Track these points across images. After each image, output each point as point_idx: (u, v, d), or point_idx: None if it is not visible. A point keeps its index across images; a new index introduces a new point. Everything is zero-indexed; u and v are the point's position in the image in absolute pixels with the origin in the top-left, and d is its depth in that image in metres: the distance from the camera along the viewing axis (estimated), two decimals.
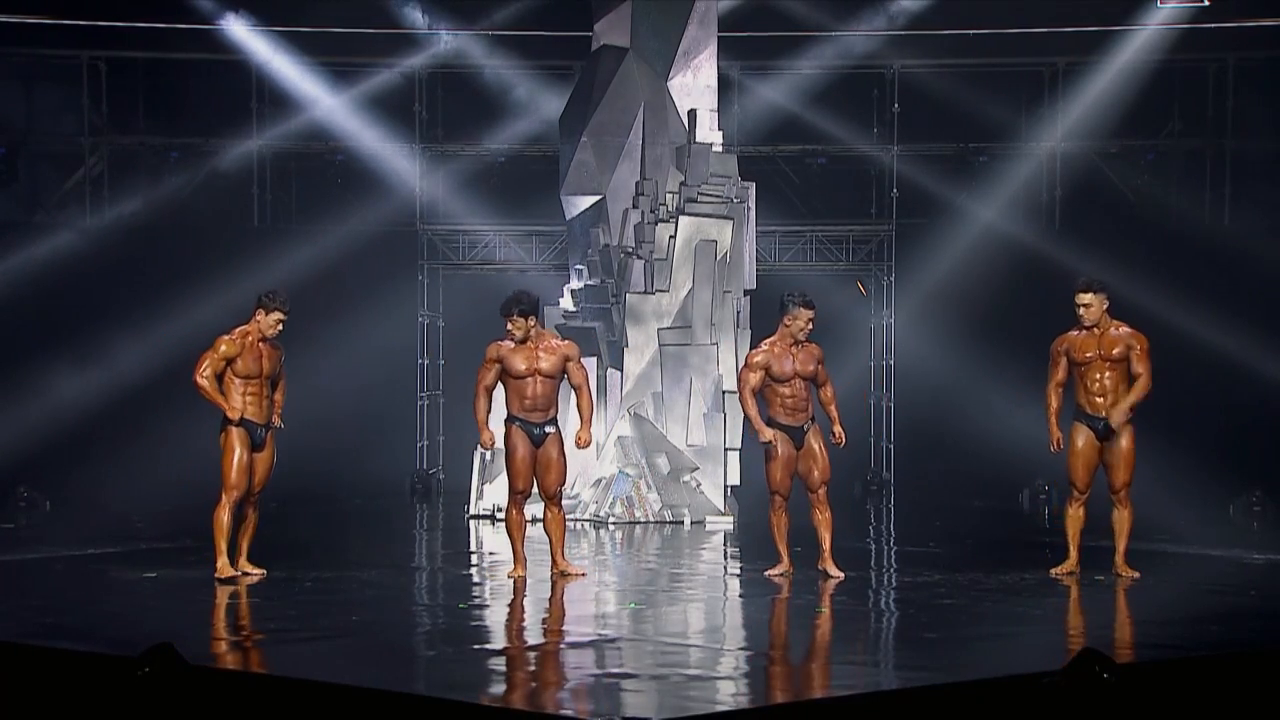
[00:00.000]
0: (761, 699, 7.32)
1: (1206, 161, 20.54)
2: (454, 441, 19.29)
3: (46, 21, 19.52)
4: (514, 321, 10.89)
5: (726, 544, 14.34)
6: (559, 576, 11.10)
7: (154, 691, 6.83)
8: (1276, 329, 18.06)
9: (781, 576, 11.20)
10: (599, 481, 15.77)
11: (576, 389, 11.12)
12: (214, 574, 10.85)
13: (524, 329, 10.89)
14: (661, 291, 16.48)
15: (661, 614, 9.94)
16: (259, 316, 10.95)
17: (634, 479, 15.63)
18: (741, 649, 8.87)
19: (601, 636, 8.98)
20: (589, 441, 11.17)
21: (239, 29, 20.40)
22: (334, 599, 10.21)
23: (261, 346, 10.96)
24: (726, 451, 16.07)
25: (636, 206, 16.85)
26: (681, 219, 16.61)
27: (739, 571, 12.57)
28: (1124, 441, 11.05)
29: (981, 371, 18.93)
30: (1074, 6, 19.89)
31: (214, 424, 10.99)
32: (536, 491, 11.11)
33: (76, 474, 18.01)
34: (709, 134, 17.02)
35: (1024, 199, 21.00)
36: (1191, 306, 17.70)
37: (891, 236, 20.82)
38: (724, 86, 18.31)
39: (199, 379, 10.78)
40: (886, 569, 12.77)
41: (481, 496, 15.94)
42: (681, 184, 16.82)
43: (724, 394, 16.10)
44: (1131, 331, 11.10)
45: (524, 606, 10.27)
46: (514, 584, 10.97)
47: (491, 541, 14.30)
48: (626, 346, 16.34)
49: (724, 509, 15.87)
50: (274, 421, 11.12)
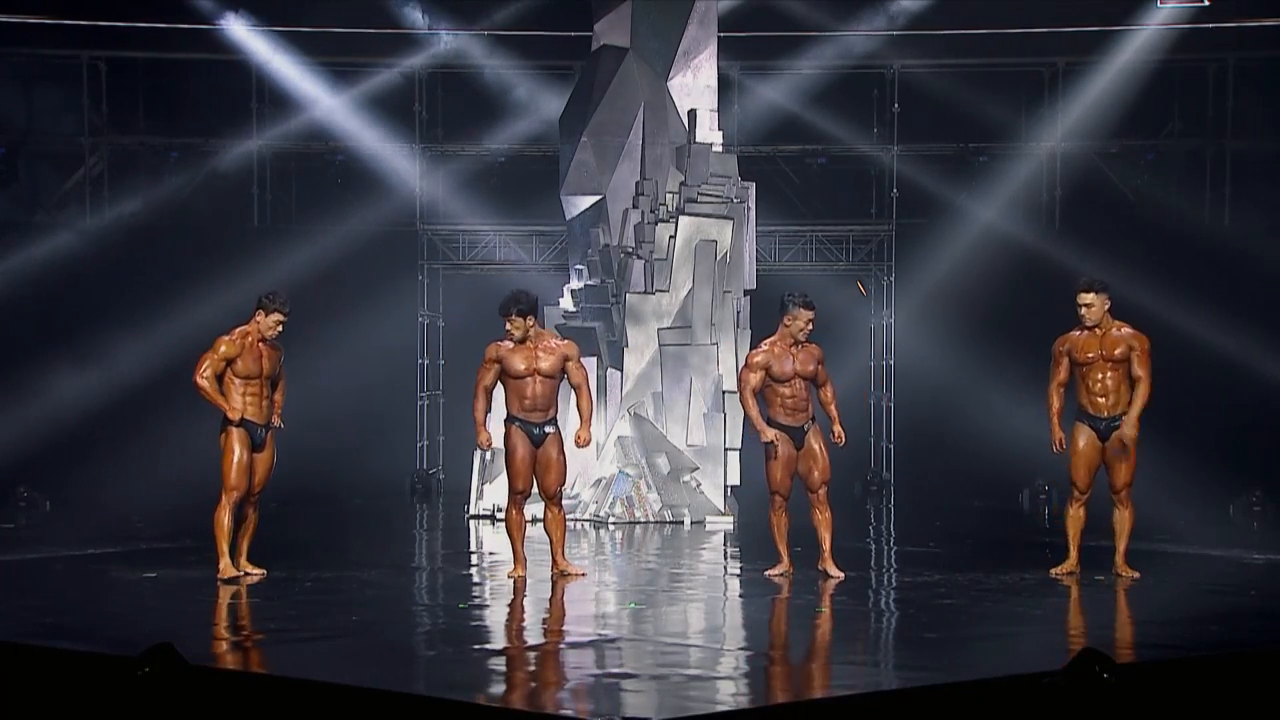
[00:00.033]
0: (761, 699, 7.32)
1: (1206, 161, 20.53)
2: (454, 441, 19.29)
3: (46, 21, 19.52)
4: (513, 321, 10.89)
5: (726, 544, 14.34)
6: (559, 576, 11.10)
7: (154, 691, 6.83)
8: (1276, 329, 18.06)
9: (781, 576, 11.20)
10: (599, 481, 15.77)
11: (576, 389, 11.11)
12: (217, 575, 10.86)
13: (523, 329, 10.89)
14: (661, 291, 16.48)
15: (661, 614, 9.93)
16: (258, 317, 10.95)
17: (634, 479, 15.63)
18: (741, 649, 8.87)
19: (601, 636, 8.97)
20: (588, 441, 11.17)
21: (239, 29, 20.40)
22: (334, 599, 10.21)
23: (261, 347, 10.96)
24: (726, 451, 16.07)
25: (636, 206, 16.85)
26: (681, 219, 16.60)
27: (739, 571, 12.57)
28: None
29: (981, 371, 18.92)
30: (1074, 6, 19.88)
31: (214, 424, 10.99)
32: (536, 491, 11.12)
33: (76, 474, 18.01)
34: (709, 134, 17.01)
35: (1024, 199, 20.99)
36: (1191, 306, 17.69)
37: (891, 236, 20.82)
38: (724, 86, 18.31)
39: (199, 380, 10.78)
40: (886, 569, 12.76)
41: (481, 496, 15.94)
42: (681, 184, 16.82)
43: (724, 394, 16.10)
44: (1133, 332, 11.09)
45: (524, 606, 10.27)
46: (514, 584, 10.97)
47: (491, 541, 14.30)
48: (626, 346, 16.34)
49: (724, 509, 15.87)
50: (274, 422, 11.12)
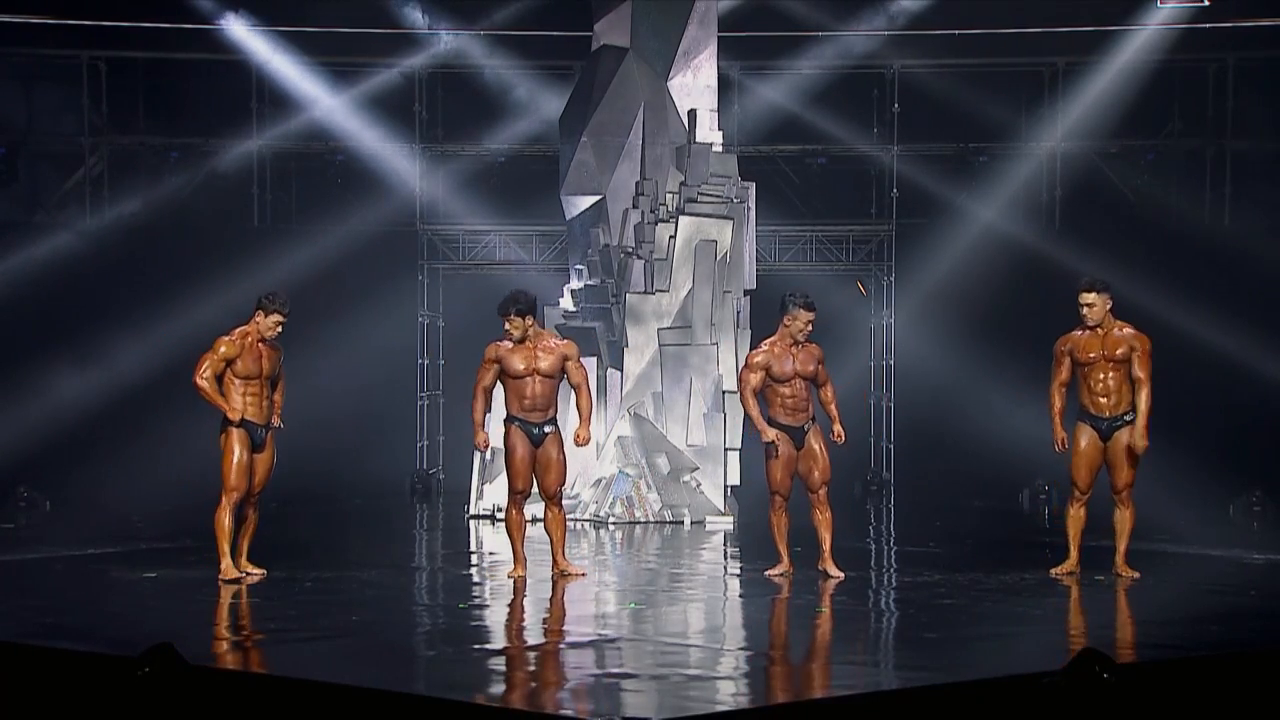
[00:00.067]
0: (761, 699, 7.32)
1: (1206, 161, 20.53)
2: (454, 441, 19.29)
3: (46, 21, 19.52)
4: (512, 321, 10.88)
5: (726, 544, 14.33)
6: (559, 576, 11.10)
7: (154, 691, 6.83)
8: (1276, 329, 18.06)
9: (781, 576, 11.20)
10: (599, 481, 15.77)
11: (576, 388, 11.11)
12: (218, 575, 10.85)
13: (522, 329, 10.89)
14: (661, 291, 16.47)
15: (661, 614, 9.93)
16: (258, 318, 10.94)
17: (634, 479, 15.63)
18: (741, 649, 8.86)
19: (601, 636, 8.97)
20: (588, 440, 11.16)
21: (239, 29, 20.40)
22: (334, 599, 10.21)
23: (261, 347, 10.95)
24: (726, 451, 16.07)
25: (636, 206, 16.84)
26: (681, 219, 16.60)
27: (739, 571, 12.56)
28: (1126, 441, 11.03)
29: (981, 371, 18.92)
30: (1074, 6, 19.88)
31: (214, 424, 10.98)
32: (536, 491, 11.12)
33: (76, 474, 18.00)
34: (709, 134, 17.01)
35: (1024, 199, 20.99)
36: (1191, 306, 17.69)
37: (891, 236, 20.82)
38: (724, 86, 18.31)
39: (199, 380, 10.77)
40: (886, 569, 12.76)
41: (481, 496, 15.94)
42: (681, 184, 16.82)
43: (724, 394, 16.10)
44: (1135, 333, 11.07)
45: (524, 606, 10.27)
46: (514, 584, 10.97)
47: (491, 541, 14.30)
48: (626, 346, 16.34)
49: (724, 509, 15.87)
50: (274, 422, 11.12)
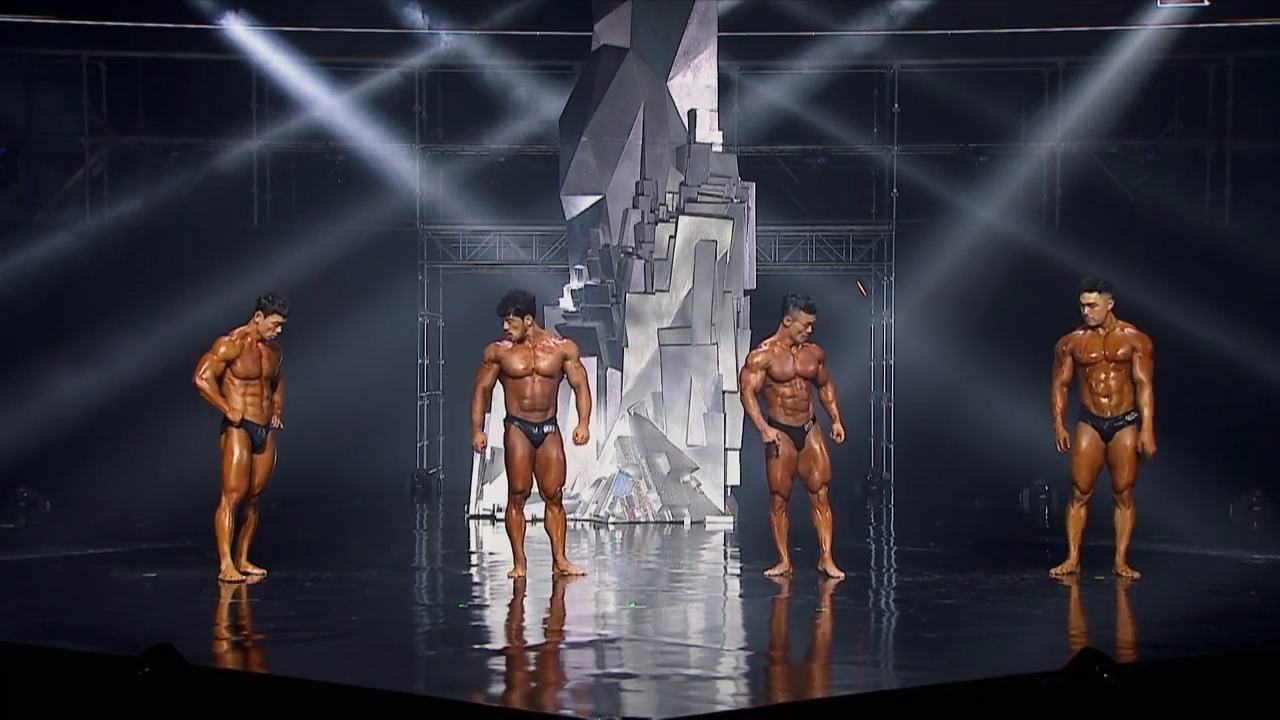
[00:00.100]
0: (761, 699, 7.32)
1: (1206, 161, 20.53)
2: (454, 441, 19.28)
3: (47, 21, 19.52)
4: (511, 321, 10.88)
5: (726, 544, 14.33)
6: (559, 576, 11.10)
7: (154, 691, 6.83)
8: (1276, 329, 18.05)
9: (781, 576, 11.20)
10: (599, 481, 15.77)
11: (575, 387, 11.11)
12: (218, 576, 10.85)
13: (521, 328, 10.89)
14: (661, 291, 16.47)
15: (661, 614, 9.93)
16: (257, 318, 10.94)
17: (634, 479, 15.63)
18: (741, 649, 8.87)
19: (601, 636, 8.97)
20: (586, 438, 11.14)
21: (239, 29, 20.39)
22: (334, 599, 10.21)
23: (261, 347, 10.95)
24: (726, 451, 16.07)
25: (636, 206, 16.84)
26: (681, 219, 16.60)
27: (739, 571, 12.56)
28: (1127, 441, 11.02)
29: (981, 371, 18.92)
30: (1074, 6, 19.88)
31: (214, 424, 10.98)
32: (536, 491, 11.12)
33: (76, 474, 18.00)
34: (709, 134, 17.01)
35: (1024, 199, 20.99)
36: (1191, 306, 17.67)
37: (891, 236, 20.82)
38: (724, 86, 18.31)
39: (199, 381, 10.77)
40: (886, 569, 12.76)
41: (481, 496, 15.94)
42: (681, 184, 16.82)
43: (724, 394, 16.10)
44: (1136, 333, 11.06)
45: (524, 606, 10.27)
46: (514, 584, 10.97)
47: (491, 541, 14.30)
48: (626, 346, 16.34)
49: (724, 509, 15.87)
50: (274, 422, 11.12)
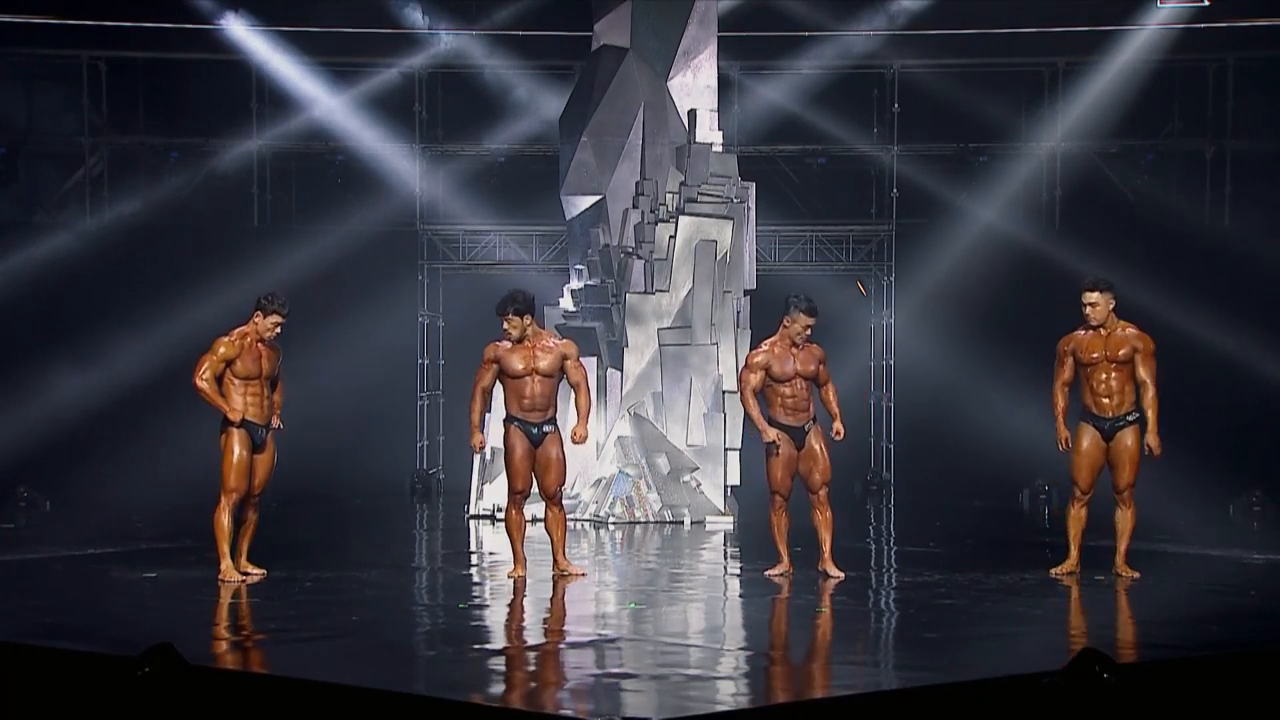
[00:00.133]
0: (761, 699, 7.32)
1: (1206, 161, 20.53)
2: (454, 441, 19.27)
3: (47, 21, 19.52)
4: (510, 320, 10.88)
5: (726, 544, 14.33)
6: (559, 576, 11.10)
7: (154, 691, 6.83)
8: (1276, 329, 18.05)
9: (781, 576, 11.19)
10: (599, 481, 15.77)
11: (575, 387, 11.10)
12: (218, 576, 10.85)
13: (520, 328, 10.88)
14: (661, 291, 16.47)
15: (661, 614, 9.93)
16: (257, 319, 10.93)
17: (634, 479, 15.63)
18: (741, 649, 8.86)
19: (601, 636, 8.97)
20: (585, 437, 11.12)
21: (239, 29, 20.39)
22: (334, 599, 10.21)
23: (260, 347, 10.94)
24: (726, 451, 16.07)
25: (636, 206, 16.84)
26: (681, 219, 16.60)
27: (739, 571, 12.56)
28: (1128, 442, 11.01)
29: (981, 371, 18.92)
30: (1074, 6, 19.88)
31: (214, 424, 10.98)
32: (536, 491, 11.12)
33: (76, 474, 18.00)
34: (709, 134, 17.01)
35: (1024, 199, 20.99)
36: (1191, 306, 17.67)
37: (891, 236, 20.82)
38: (724, 86, 18.31)
39: (199, 382, 10.76)
40: (886, 569, 12.76)
41: (481, 496, 15.94)
42: (681, 184, 16.82)
43: (724, 394, 16.10)
44: (1138, 333, 11.04)
45: (524, 606, 10.27)
46: (514, 584, 10.97)
47: (491, 541, 14.30)
48: (626, 346, 16.34)
49: (724, 509, 15.87)
50: (274, 422, 11.12)
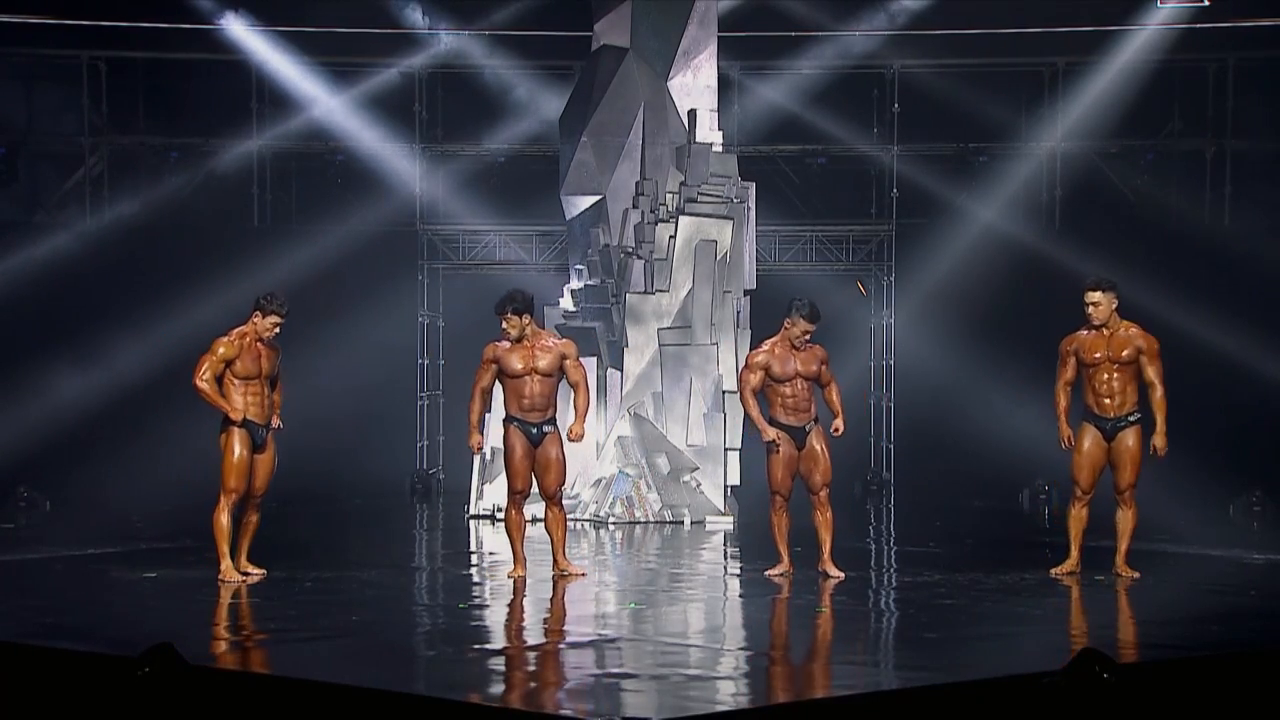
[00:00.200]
0: (761, 699, 7.32)
1: (1206, 161, 20.53)
2: (454, 441, 19.26)
3: (47, 21, 19.51)
4: (509, 320, 10.87)
5: (726, 544, 14.34)
6: (559, 576, 11.10)
7: (154, 691, 6.83)
8: (1276, 329, 18.05)
9: (781, 576, 11.19)
10: (599, 481, 15.77)
11: (574, 386, 11.10)
12: (218, 576, 10.84)
13: (519, 327, 10.88)
14: (661, 291, 16.47)
15: (661, 614, 9.93)
16: (256, 319, 10.93)
17: (634, 479, 15.63)
18: (741, 649, 8.86)
19: (601, 636, 8.97)
20: (582, 435, 11.09)
21: (238, 29, 20.39)
22: (334, 599, 10.21)
23: (260, 347, 10.94)
24: (726, 451, 16.07)
25: (636, 206, 16.84)
26: (681, 219, 16.60)
27: (739, 571, 12.56)
28: (1130, 442, 11.00)
29: (981, 371, 18.92)
30: (1074, 6, 19.87)
31: (214, 424, 10.97)
32: (536, 491, 11.12)
33: (76, 474, 18.00)
34: (709, 134, 17.01)
35: (1024, 199, 20.99)
36: (1191, 306, 17.66)
37: (891, 236, 20.82)
38: (724, 86, 18.31)
39: (199, 383, 10.75)
40: (886, 569, 12.76)
41: (481, 496, 15.94)
42: (681, 184, 16.82)
43: (724, 394, 16.10)
44: (1141, 333, 11.02)
45: (524, 606, 10.27)
46: (514, 584, 10.97)
47: (491, 541, 14.30)
48: (626, 346, 16.34)
49: (724, 509, 15.87)
50: (274, 422, 11.11)
